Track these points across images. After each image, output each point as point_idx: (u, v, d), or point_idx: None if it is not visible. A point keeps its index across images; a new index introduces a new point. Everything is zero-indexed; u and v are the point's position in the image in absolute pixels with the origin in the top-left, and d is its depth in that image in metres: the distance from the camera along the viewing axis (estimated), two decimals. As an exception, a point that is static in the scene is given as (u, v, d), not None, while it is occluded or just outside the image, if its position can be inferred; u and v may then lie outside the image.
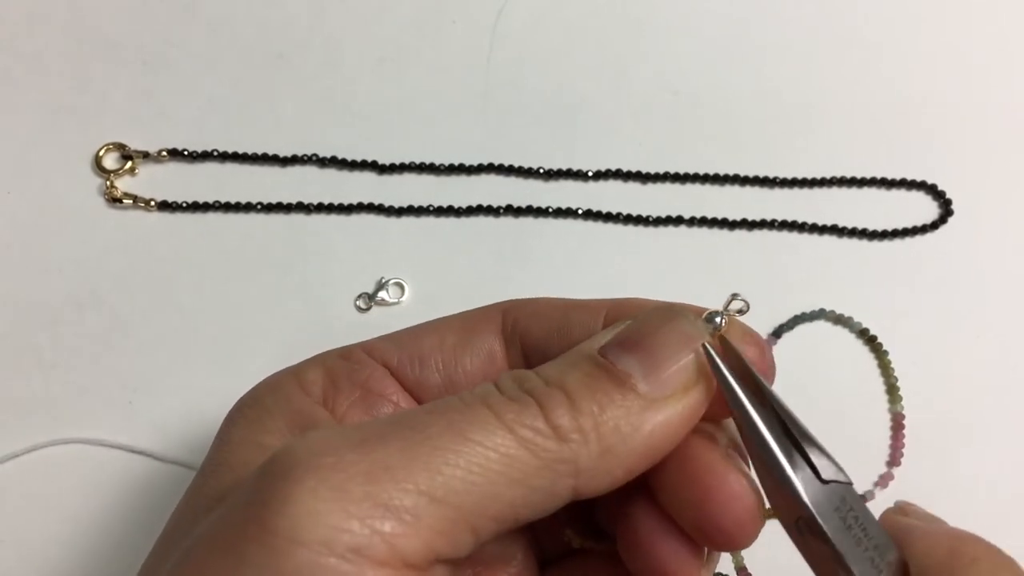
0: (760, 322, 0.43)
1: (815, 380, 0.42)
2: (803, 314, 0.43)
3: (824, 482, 0.23)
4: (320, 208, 0.44)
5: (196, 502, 0.24)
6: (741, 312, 0.25)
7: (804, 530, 0.22)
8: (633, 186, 0.45)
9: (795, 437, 0.23)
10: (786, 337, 0.43)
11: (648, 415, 0.22)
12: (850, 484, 0.23)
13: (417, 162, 0.45)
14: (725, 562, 0.34)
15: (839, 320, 0.43)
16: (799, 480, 0.22)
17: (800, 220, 0.45)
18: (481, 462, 0.20)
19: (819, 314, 0.43)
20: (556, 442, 0.21)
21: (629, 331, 0.23)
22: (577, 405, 0.22)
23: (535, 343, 0.27)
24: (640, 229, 0.45)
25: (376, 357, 0.27)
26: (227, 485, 0.24)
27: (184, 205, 0.44)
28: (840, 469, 0.23)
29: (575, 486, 0.22)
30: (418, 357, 0.27)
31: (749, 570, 0.37)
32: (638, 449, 0.22)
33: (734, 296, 0.25)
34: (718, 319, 0.24)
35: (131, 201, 0.44)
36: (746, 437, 0.23)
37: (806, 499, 0.22)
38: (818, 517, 0.22)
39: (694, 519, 0.24)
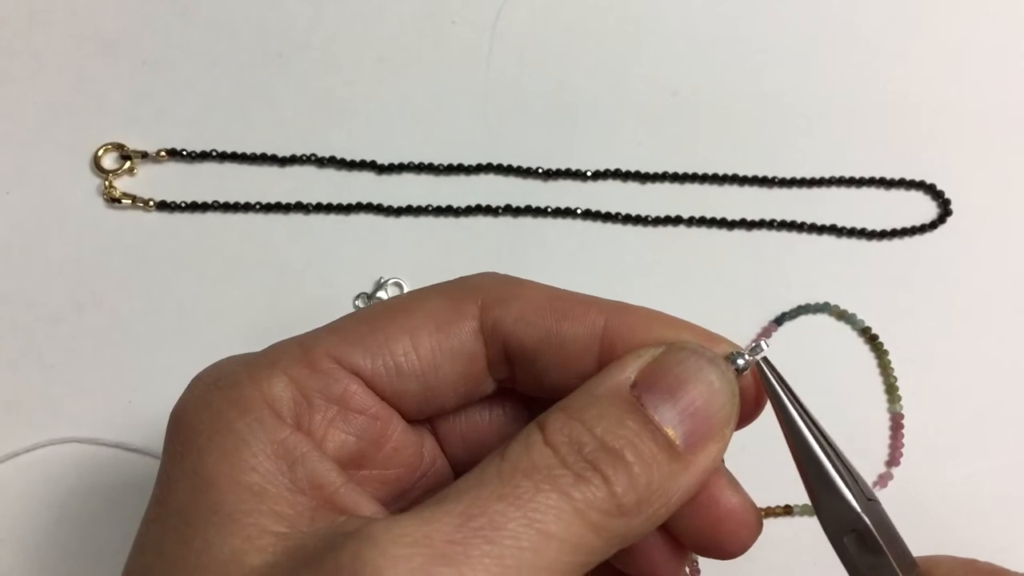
0: (760, 322, 0.43)
1: (814, 375, 0.42)
2: (808, 305, 0.43)
3: (868, 500, 0.23)
4: (319, 208, 0.44)
5: (179, 550, 0.22)
6: (755, 354, 0.24)
7: (854, 544, 0.23)
8: (632, 186, 0.45)
9: (833, 456, 0.24)
10: (788, 328, 0.43)
11: (689, 475, 0.22)
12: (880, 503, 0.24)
13: (416, 162, 0.45)
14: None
15: (842, 316, 0.43)
16: (854, 497, 0.23)
17: (799, 220, 0.45)
18: (559, 556, 0.20)
19: (824, 307, 0.43)
20: (619, 519, 0.21)
21: (666, 376, 0.23)
22: (635, 480, 0.21)
23: (523, 350, 0.25)
24: (640, 229, 0.45)
25: (345, 365, 0.25)
26: (224, 542, 0.22)
27: (183, 205, 0.44)
28: (870, 488, 0.24)
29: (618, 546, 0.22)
30: (393, 366, 0.25)
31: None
32: (676, 507, 0.22)
33: (756, 343, 0.24)
34: (741, 361, 0.24)
35: (130, 201, 0.44)
36: (800, 457, 0.24)
37: (865, 517, 0.23)
38: (875, 531, 0.23)
39: (698, 539, 0.24)
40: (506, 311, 0.25)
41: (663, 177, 0.45)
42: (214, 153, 0.44)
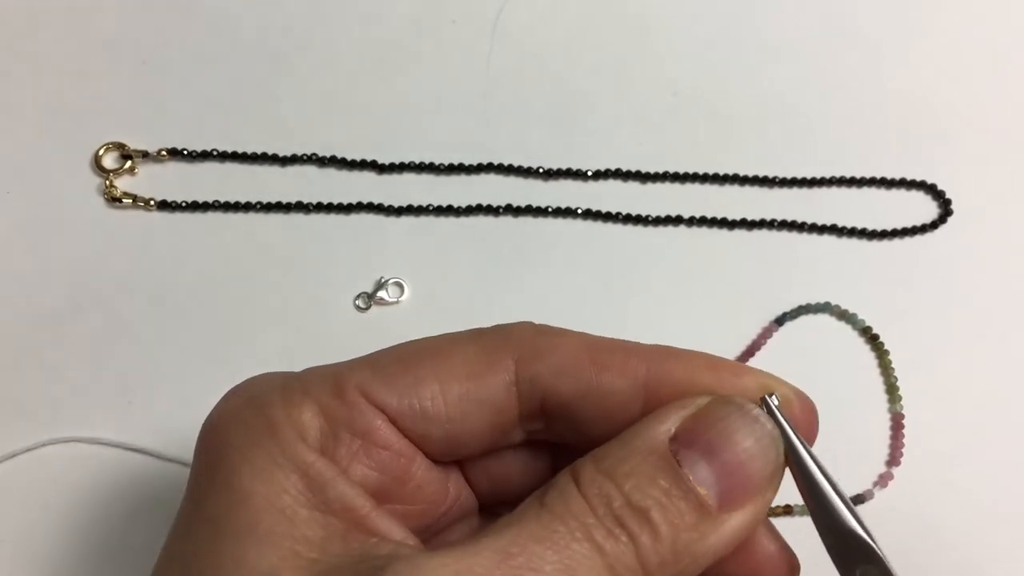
0: (761, 322, 0.43)
1: (815, 374, 0.42)
2: (809, 305, 0.43)
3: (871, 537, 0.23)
4: (320, 208, 0.44)
5: (213, 562, 0.22)
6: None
7: None
8: (633, 186, 0.45)
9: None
10: (789, 327, 0.43)
11: (719, 535, 0.22)
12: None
13: (417, 161, 0.45)
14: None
15: (843, 316, 0.43)
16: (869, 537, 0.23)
17: (800, 220, 0.45)
18: None
19: (825, 307, 0.43)
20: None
21: (707, 432, 0.23)
22: (661, 540, 0.21)
23: (561, 405, 0.25)
24: (640, 229, 0.45)
25: (372, 400, 0.25)
26: (262, 558, 0.22)
27: (184, 205, 0.44)
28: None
29: None
30: (420, 409, 0.25)
31: None
32: (706, 565, 0.22)
33: (771, 393, 0.24)
34: (775, 400, 0.24)
35: (131, 201, 0.44)
36: (812, 499, 0.23)
37: (882, 554, 0.23)
38: (891, 567, 0.23)
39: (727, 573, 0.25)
40: (544, 365, 0.25)
41: (664, 177, 0.45)
42: (215, 153, 0.44)
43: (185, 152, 0.44)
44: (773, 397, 0.24)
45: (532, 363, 0.25)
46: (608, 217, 0.44)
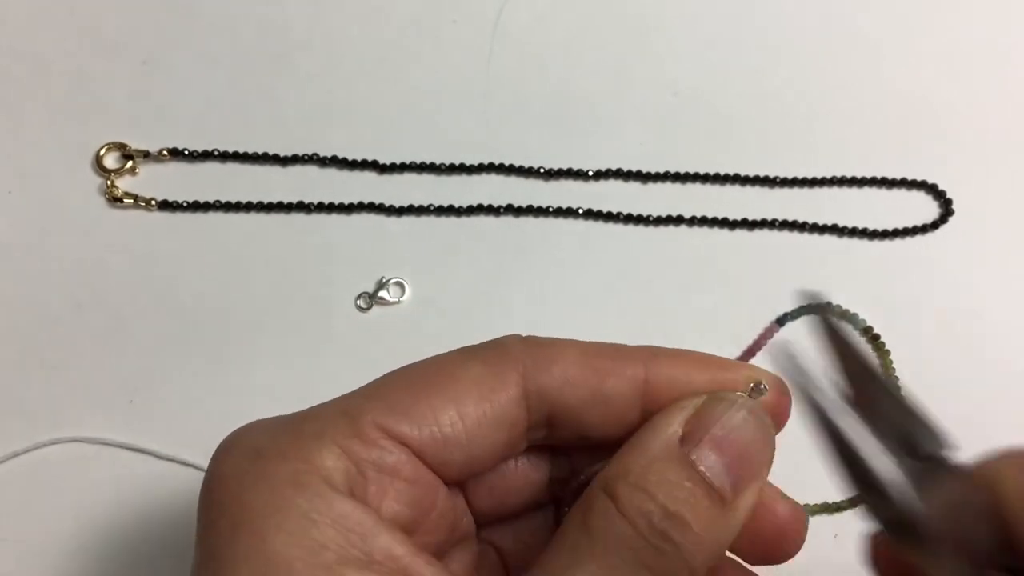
0: (762, 322, 0.43)
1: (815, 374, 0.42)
2: (810, 305, 0.43)
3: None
4: (321, 208, 0.44)
5: None
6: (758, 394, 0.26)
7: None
8: (634, 186, 0.45)
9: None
10: (790, 327, 0.43)
11: (737, 519, 0.24)
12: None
13: (417, 162, 0.45)
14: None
15: (844, 315, 0.43)
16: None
17: (800, 220, 0.45)
18: None
19: (826, 307, 0.43)
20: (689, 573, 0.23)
21: (709, 429, 0.24)
22: (699, 540, 0.23)
23: (567, 412, 0.26)
24: (641, 229, 0.45)
25: (394, 435, 0.24)
26: None
27: (185, 205, 0.44)
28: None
29: None
30: (440, 436, 0.24)
31: None
32: (729, 544, 0.24)
33: (759, 383, 0.26)
34: (764, 386, 0.26)
35: (132, 201, 0.44)
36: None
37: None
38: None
39: (756, 551, 0.26)
40: (549, 377, 0.26)
41: (664, 177, 0.45)
42: (216, 153, 0.44)
43: (186, 152, 0.44)
44: (762, 385, 0.26)
45: (537, 376, 0.25)
46: (609, 217, 0.44)
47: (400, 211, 0.44)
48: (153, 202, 0.44)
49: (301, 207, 0.44)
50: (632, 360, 0.26)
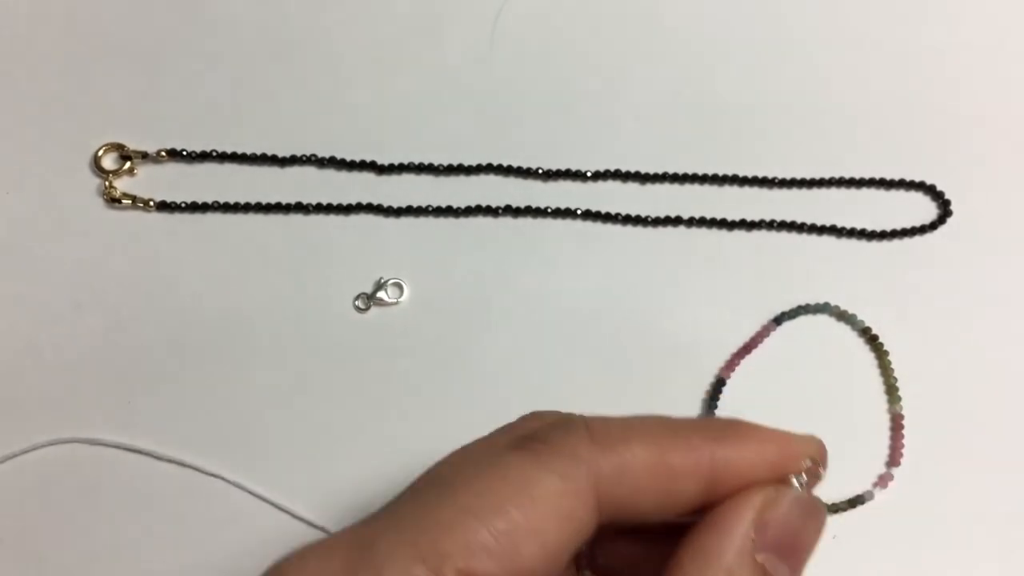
0: (760, 322, 0.43)
1: (814, 375, 0.42)
2: (808, 305, 0.43)
3: None
4: (319, 208, 0.44)
5: None
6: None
7: None
8: (633, 186, 0.45)
9: None
10: (788, 328, 0.43)
11: None
12: None
13: (416, 162, 0.45)
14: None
15: (842, 316, 0.43)
16: None
17: (799, 220, 0.45)
18: None
19: (824, 307, 0.43)
20: None
21: (778, 533, 0.24)
22: None
23: (630, 512, 0.24)
24: (640, 229, 0.45)
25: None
26: None
27: (183, 205, 0.44)
28: None
29: None
30: (519, 572, 0.22)
31: None
32: None
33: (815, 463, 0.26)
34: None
35: (130, 201, 0.44)
36: None
37: None
38: None
39: None
40: (624, 488, 0.24)
41: (663, 178, 0.45)
42: (214, 153, 0.44)
43: (184, 153, 0.44)
44: (820, 468, 0.25)
45: (613, 488, 0.24)
46: (608, 218, 0.44)
47: (398, 212, 0.44)
48: (151, 203, 0.44)
49: (299, 208, 0.44)
50: (699, 450, 0.24)
